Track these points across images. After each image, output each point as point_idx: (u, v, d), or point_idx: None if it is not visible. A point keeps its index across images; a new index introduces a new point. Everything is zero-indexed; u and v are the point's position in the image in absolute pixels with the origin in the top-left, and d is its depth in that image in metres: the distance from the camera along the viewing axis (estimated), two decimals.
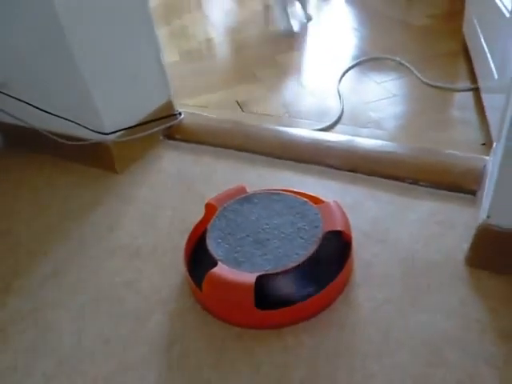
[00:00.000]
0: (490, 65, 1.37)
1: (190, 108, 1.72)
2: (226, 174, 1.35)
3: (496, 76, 1.29)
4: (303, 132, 1.48)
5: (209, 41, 2.56)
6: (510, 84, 0.80)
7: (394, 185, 1.23)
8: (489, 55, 1.41)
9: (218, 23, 2.94)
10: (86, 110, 1.36)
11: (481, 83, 1.57)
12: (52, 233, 1.23)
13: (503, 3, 1.24)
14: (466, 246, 0.98)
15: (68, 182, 1.42)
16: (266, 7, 3.06)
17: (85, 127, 1.38)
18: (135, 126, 1.46)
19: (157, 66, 1.52)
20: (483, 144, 1.34)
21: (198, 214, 1.17)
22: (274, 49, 2.29)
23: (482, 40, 1.54)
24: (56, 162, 1.51)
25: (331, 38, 2.40)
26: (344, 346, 0.85)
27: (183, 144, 1.53)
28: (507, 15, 1.16)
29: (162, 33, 2.71)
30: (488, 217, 0.90)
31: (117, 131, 1.40)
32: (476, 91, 1.62)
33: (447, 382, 0.77)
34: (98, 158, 1.43)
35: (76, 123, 1.39)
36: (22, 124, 1.53)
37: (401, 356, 0.82)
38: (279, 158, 1.39)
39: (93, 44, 1.28)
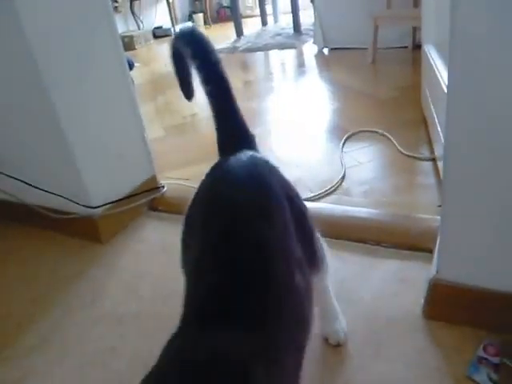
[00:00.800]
0: (439, 134, 1.53)
1: (174, 180, 1.84)
2: None
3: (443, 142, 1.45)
4: None
5: (192, 116, 2.75)
6: (443, 154, 0.92)
7: (360, 247, 1.33)
8: (438, 125, 1.57)
9: (201, 99, 3.15)
10: (74, 185, 1.47)
11: (435, 150, 1.73)
12: (39, 303, 1.30)
13: (443, 79, 1.41)
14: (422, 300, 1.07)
15: (55, 253, 1.51)
16: (246, 83, 3.30)
17: (73, 202, 1.49)
18: (121, 200, 1.57)
19: (141, 145, 1.66)
20: (439, 206, 1.47)
21: (181, 283, 1.25)
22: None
23: (433, 111, 1.72)
24: (44, 234, 1.60)
25: (306, 110, 2.60)
26: None
27: (165, 215, 1.64)
28: (445, 90, 1.32)
29: (147, 109, 2.90)
30: (437, 272, 1.00)
31: (103, 205, 1.51)
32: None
33: None
34: (84, 230, 1.53)
35: (65, 198, 1.50)
36: (11, 198, 1.64)
37: None
38: None
39: (82, 125, 1.42)
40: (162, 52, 5.32)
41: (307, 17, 4.94)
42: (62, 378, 1.05)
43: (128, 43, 5.41)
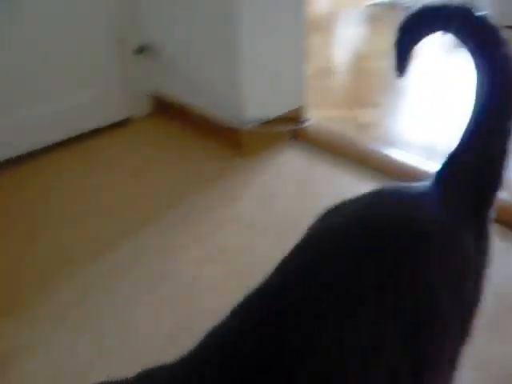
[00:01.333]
0: None
1: (318, 118, 1.87)
2: (342, 183, 1.47)
3: None
4: (418, 160, 1.57)
5: (339, 63, 2.72)
6: None
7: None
8: None
9: (349, 47, 3.09)
10: (232, 95, 1.57)
11: None
12: (181, 191, 1.44)
13: None
14: None
15: (200, 155, 1.64)
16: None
17: (226, 111, 1.59)
18: (269, 122, 1.64)
19: (298, 74, 1.70)
20: None
21: (310, 214, 1.32)
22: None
23: None
24: (193, 136, 1.74)
25: None
26: None
27: (306, 147, 1.69)
28: None
29: (314, 41, 2.90)
30: None
31: (253, 122, 1.59)
32: None
33: None
34: (231, 141, 1.64)
35: (220, 106, 1.60)
36: (171, 97, 1.79)
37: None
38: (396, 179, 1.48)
39: (255, 43, 1.49)
40: None
41: None
42: (197, 256, 1.19)
43: None
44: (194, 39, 1.63)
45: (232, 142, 1.63)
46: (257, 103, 1.60)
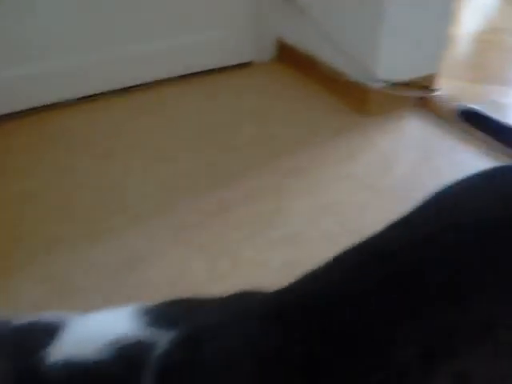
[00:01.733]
0: None
1: (450, 88, 1.76)
2: (463, 159, 1.39)
3: None
4: None
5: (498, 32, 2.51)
6: None
7: None
8: None
9: (483, 17, 2.83)
10: (365, 51, 1.53)
11: None
12: (300, 141, 1.45)
13: None
14: None
15: (323, 108, 1.62)
16: None
17: (356, 67, 1.54)
18: (399, 84, 1.57)
19: (440, 39, 1.60)
20: None
21: (427, 185, 1.27)
22: None
23: None
24: (318, 89, 1.71)
25: None
26: None
27: (431, 116, 1.61)
28: None
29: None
30: None
31: (385, 81, 1.54)
32: None
33: None
34: (356, 98, 1.60)
35: (349, 60, 1.56)
36: (299, 45, 1.76)
37: None
38: None
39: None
40: None
41: None
42: (311, 205, 1.20)
43: None
44: None
45: (356, 99, 1.60)
46: (390, 63, 1.54)
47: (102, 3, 1.54)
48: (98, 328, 0.46)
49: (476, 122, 0.99)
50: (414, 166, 1.36)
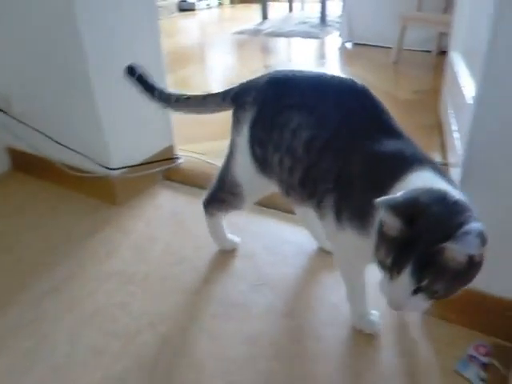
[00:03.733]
0: (454, 141, 1.57)
1: (189, 153, 1.88)
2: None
3: (459, 153, 1.49)
4: None
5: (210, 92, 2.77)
6: (463, 161, 0.97)
7: None
8: (454, 133, 1.61)
9: (220, 77, 3.18)
10: (96, 145, 1.52)
11: (449, 157, 1.77)
12: (53, 254, 1.35)
13: (466, 88, 1.45)
14: None
15: (70, 209, 1.55)
16: (266, 67, 3.32)
17: (93, 161, 1.53)
18: (138, 165, 1.61)
19: (162, 113, 1.70)
20: None
21: (189, 250, 1.32)
22: None
23: (451, 118, 1.75)
24: (61, 191, 1.65)
25: None
26: None
27: (180, 185, 1.68)
28: (467, 101, 1.36)
29: (167, 81, 2.92)
30: None
31: (122, 168, 1.55)
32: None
33: None
34: (100, 190, 1.58)
35: (85, 156, 1.54)
36: (31, 151, 1.68)
37: None
38: (266, 207, 1.53)
39: (111, 86, 1.45)
40: (186, 26, 5.31)
41: (335, 8, 4.91)
42: (72, 324, 1.11)
43: None
44: (47, 91, 1.55)
45: (103, 192, 1.57)
46: (123, 148, 1.56)
47: None
48: None
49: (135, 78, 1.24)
50: (173, 240, 1.39)
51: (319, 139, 0.93)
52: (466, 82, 1.51)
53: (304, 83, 0.99)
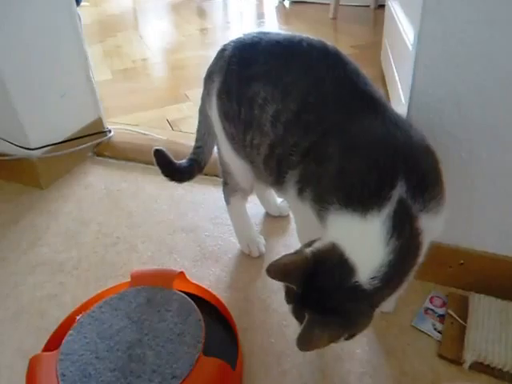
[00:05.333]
0: (399, 91, 1.51)
1: (121, 126, 1.74)
2: (153, 190, 1.38)
3: (403, 101, 1.43)
4: None
5: (143, 60, 2.59)
6: (407, 111, 0.91)
7: None
8: (398, 83, 1.55)
9: (153, 44, 2.98)
10: (9, 124, 1.35)
11: (394, 107, 1.72)
12: None
13: (407, 36, 1.38)
14: None
15: None
16: (202, 30, 3.15)
17: (8, 142, 1.37)
18: (62, 142, 1.46)
19: (86, 84, 1.54)
20: None
21: (125, 229, 1.20)
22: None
23: (394, 68, 1.69)
24: None
25: None
26: None
27: (112, 161, 1.54)
28: (410, 48, 1.30)
29: (94, 51, 2.71)
30: None
31: (43, 147, 1.39)
32: None
33: None
34: (21, 174, 1.42)
35: (5, 138, 1.37)
36: None
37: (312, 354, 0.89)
38: (206, 174, 1.43)
39: (20, 59, 1.29)
40: None
41: None
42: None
43: None
44: None
45: (23, 175, 1.41)
46: (43, 125, 1.40)
47: None
48: None
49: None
50: (106, 220, 1.27)
51: (285, 113, 0.81)
52: (405, 29, 1.44)
53: (269, 49, 0.86)
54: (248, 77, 0.87)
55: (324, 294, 0.62)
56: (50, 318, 0.99)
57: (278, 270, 0.64)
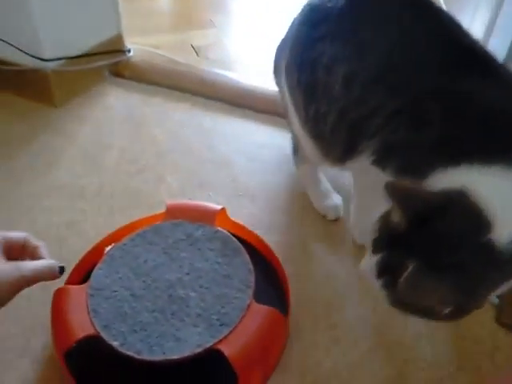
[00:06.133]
0: None
1: (141, 46, 1.57)
2: (180, 117, 1.25)
3: None
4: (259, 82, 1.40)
5: None
6: None
7: None
8: None
9: None
10: (23, 30, 1.19)
11: None
12: None
13: None
14: None
15: (7, 117, 1.25)
16: None
17: (21, 50, 1.22)
18: (79, 57, 1.30)
19: None
20: None
21: (151, 157, 1.09)
22: None
23: None
24: None
25: None
26: None
27: (132, 83, 1.39)
28: None
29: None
30: None
31: (57, 59, 1.24)
32: None
33: None
34: (34, 88, 1.27)
35: (10, 45, 1.22)
36: None
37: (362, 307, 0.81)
38: (236, 105, 1.31)
39: None
40: None
41: None
42: None
43: None
44: None
45: (36, 89, 1.27)
46: (59, 35, 1.24)
47: None
48: None
49: None
50: (130, 146, 1.15)
51: (364, 72, 0.68)
52: None
53: (341, 4, 0.72)
54: (314, 38, 0.74)
55: (443, 245, 0.51)
56: (70, 247, 0.89)
57: (399, 188, 0.54)
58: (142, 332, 0.64)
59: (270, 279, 0.78)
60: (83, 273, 0.78)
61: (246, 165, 1.10)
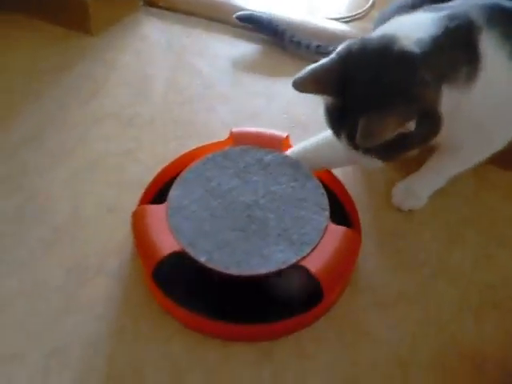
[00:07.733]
0: None
1: None
2: (223, 50, 1.22)
3: None
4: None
5: None
6: None
7: None
8: None
9: None
10: None
11: None
12: (20, 95, 1.06)
13: None
14: None
15: (33, 43, 1.20)
16: None
17: None
18: None
19: None
20: None
21: (198, 88, 1.07)
22: None
23: None
24: (17, 19, 1.26)
25: None
26: None
27: (168, 13, 1.34)
28: None
29: None
30: None
31: None
32: None
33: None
34: (71, 15, 1.22)
35: None
36: None
37: (424, 235, 0.82)
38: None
39: None
40: None
41: None
42: (66, 177, 0.89)
43: None
44: None
45: (71, 14, 1.22)
46: None
47: None
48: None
49: (252, 24, 1.17)
50: (174, 77, 1.12)
51: None
52: None
53: None
54: None
55: (372, 83, 0.61)
56: (130, 174, 0.89)
57: (305, 79, 0.66)
58: (227, 249, 0.65)
59: (336, 204, 0.78)
60: (153, 194, 0.79)
61: (295, 96, 1.08)
